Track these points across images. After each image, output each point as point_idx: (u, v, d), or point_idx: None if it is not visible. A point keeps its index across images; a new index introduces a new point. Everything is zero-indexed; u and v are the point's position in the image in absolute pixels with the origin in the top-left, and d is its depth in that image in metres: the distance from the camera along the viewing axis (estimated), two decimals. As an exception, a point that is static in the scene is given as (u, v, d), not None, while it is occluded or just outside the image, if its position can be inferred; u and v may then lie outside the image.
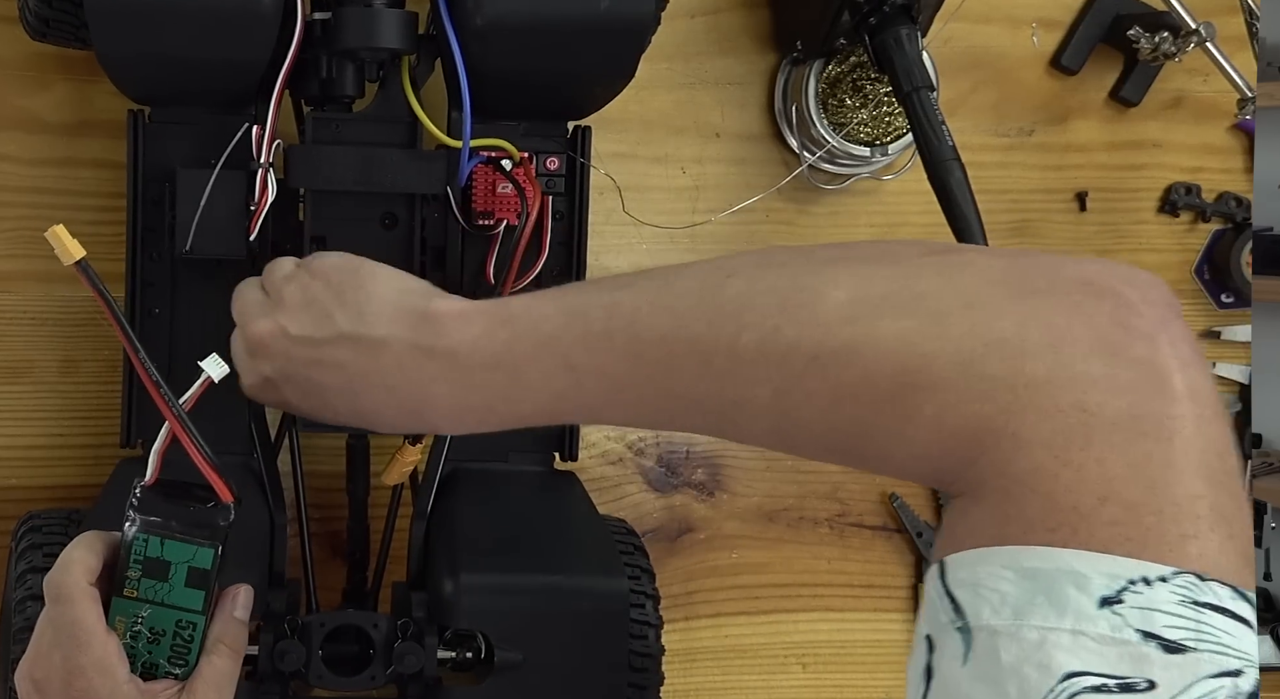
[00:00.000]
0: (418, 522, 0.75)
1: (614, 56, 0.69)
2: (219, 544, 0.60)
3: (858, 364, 0.48)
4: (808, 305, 0.50)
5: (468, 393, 0.57)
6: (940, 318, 0.47)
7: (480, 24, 0.66)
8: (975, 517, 0.46)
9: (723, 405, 0.53)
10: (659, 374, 0.54)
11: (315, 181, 0.70)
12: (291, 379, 0.61)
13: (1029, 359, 0.45)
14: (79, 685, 0.59)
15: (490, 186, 0.74)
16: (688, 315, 0.53)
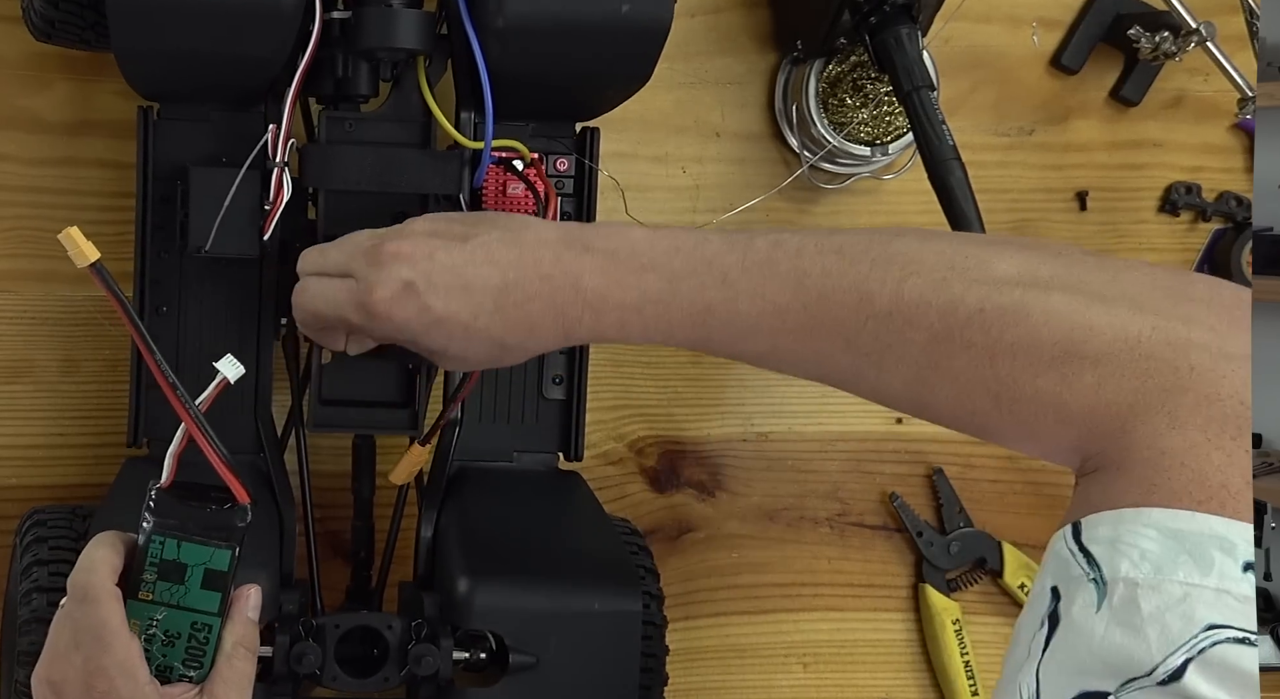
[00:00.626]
0: (426, 521, 0.74)
1: (633, 58, 0.70)
2: (236, 546, 0.60)
3: (1024, 324, 0.51)
4: (976, 268, 0.54)
5: (621, 289, 0.60)
6: (1108, 301, 0.51)
7: (502, 25, 0.66)
8: (1118, 486, 0.49)
9: (875, 347, 0.55)
10: (816, 305, 0.56)
11: (329, 181, 0.70)
12: (436, 281, 0.62)
13: (1194, 349, 0.48)
14: (101, 688, 0.59)
15: (500, 187, 0.74)
16: (855, 257, 0.56)
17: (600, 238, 0.62)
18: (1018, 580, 0.92)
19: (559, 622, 0.68)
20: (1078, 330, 0.51)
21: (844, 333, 0.56)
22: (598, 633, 0.68)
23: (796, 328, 0.57)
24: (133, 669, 0.59)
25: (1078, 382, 0.50)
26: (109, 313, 0.83)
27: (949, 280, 0.54)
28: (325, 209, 0.71)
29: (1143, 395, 0.48)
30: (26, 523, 0.73)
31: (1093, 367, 0.50)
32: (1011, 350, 0.52)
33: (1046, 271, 0.53)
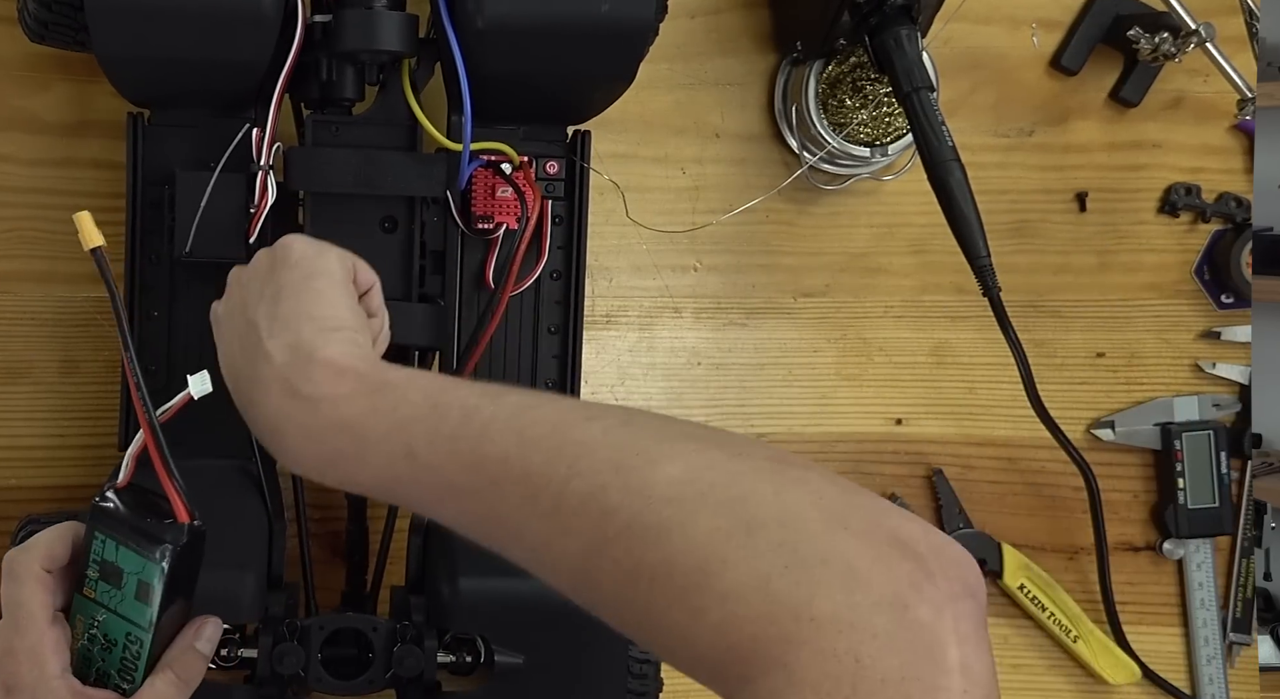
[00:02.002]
0: (416, 526, 0.74)
1: (614, 60, 0.69)
2: (166, 562, 0.58)
3: (664, 547, 0.48)
4: (639, 471, 0.50)
5: (314, 443, 0.57)
6: (753, 527, 0.47)
7: (481, 26, 0.66)
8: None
9: (536, 544, 0.53)
10: (488, 492, 0.54)
11: (315, 184, 0.70)
12: (220, 327, 0.63)
13: (819, 594, 0.45)
14: (7, 668, 0.58)
15: (490, 190, 0.74)
16: (532, 444, 0.53)
17: (314, 381, 0.58)
18: (1017, 581, 0.92)
19: (545, 625, 0.68)
20: (713, 561, 0.47)
21: (512, 524, 0.54)
22: (585, 636, 0.68)
23: (474, 510, 0.55)
24: (42, 657, 0.58)
25: (705, 617, 0.47)
26: (108, 314, 0.82)
27: (608, 486, 0.51)
28: (312, 212, 0.71)
29: (764, 644, 0.45)
30: (20, 532, 0.73)
31: (720, 603, 0.46)
32: (650, 574, 0.48)
33: (710, 478, 0.49)
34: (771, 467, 0.50)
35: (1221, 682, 0.94)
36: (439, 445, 0.55)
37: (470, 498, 0.55)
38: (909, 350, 0.93)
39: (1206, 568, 0.95)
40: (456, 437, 0.55)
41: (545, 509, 0.52)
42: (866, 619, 0.44)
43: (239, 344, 0.60)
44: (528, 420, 0.55)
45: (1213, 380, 0.96)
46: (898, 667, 0.44)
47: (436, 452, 0.55)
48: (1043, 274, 0.94)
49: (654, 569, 0.48)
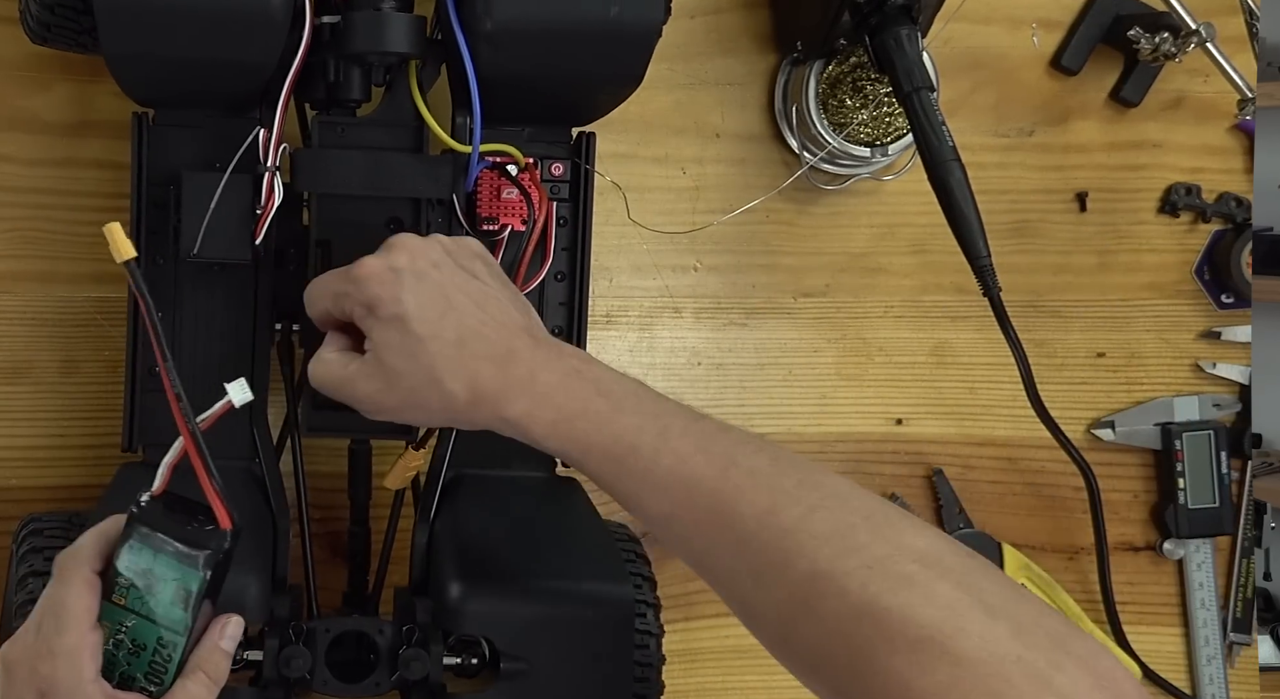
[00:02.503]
0: (420, 527, 0.74)
1: (622, 61, 0.69)
2: (209, 570, 0.59)
3: (904, 595, 0.51)
4: (889, 528, 0.54)
5: (568, 397, 0.61)
6: (993, 614, 0.50)
7: (490, 28, 0.66)
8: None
9: (762, 559, 0.55)
10: (730, 493, 0.57)
11: (322, 185, 0.70)
12: (427, 280, 0.62)
13: (1050, 694, 0.48)
14: (44, 671, 0.58)
15: (495, 192, 0.74)
16: (785, 469, 0.58)
17: (576, 353, 0.64)
18: (1017, 582, 0.92)
19: (550, 628, 0.68)
20: (950, 625, 0.50)
21: (740, 532, 0.56)
22: (590, 639, 0.68)
23: (701, 506, 0.57)
24: (79, 660, 0.58)
25: (931, 674, 0.49)
26: (109, 314, 0.83)
27: (857, 527, 0.54)
28: (318, 213, 0.71)
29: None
30: (23, 531, 0.73)
31: (951, 665, 0.49)
32: (881, 615, 0.51)
33: (950, 562, 0.52)
34: (999, 576, 0.54)
35: (1221, 682, 0.94)
36: (692, 437, 0.59)
37: (705, 494, 0.57)
38: (909, 350, 0.93)
39: (1206, 568, 0.95)
40: (711, 438, 0.59)
41: (783, 525, 0.55)
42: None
43: (472, 302, 0.62)
44: (778, 450, 0.59)
45: (1213, 380, 0.96)
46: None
47: (688, 441, 0.59)
48: (1043, 274, 0.94)
49: (886, 612, 0.51)
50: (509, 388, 0.61)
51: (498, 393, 0.61)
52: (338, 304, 0.64)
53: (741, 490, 0.57)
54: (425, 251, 0.63)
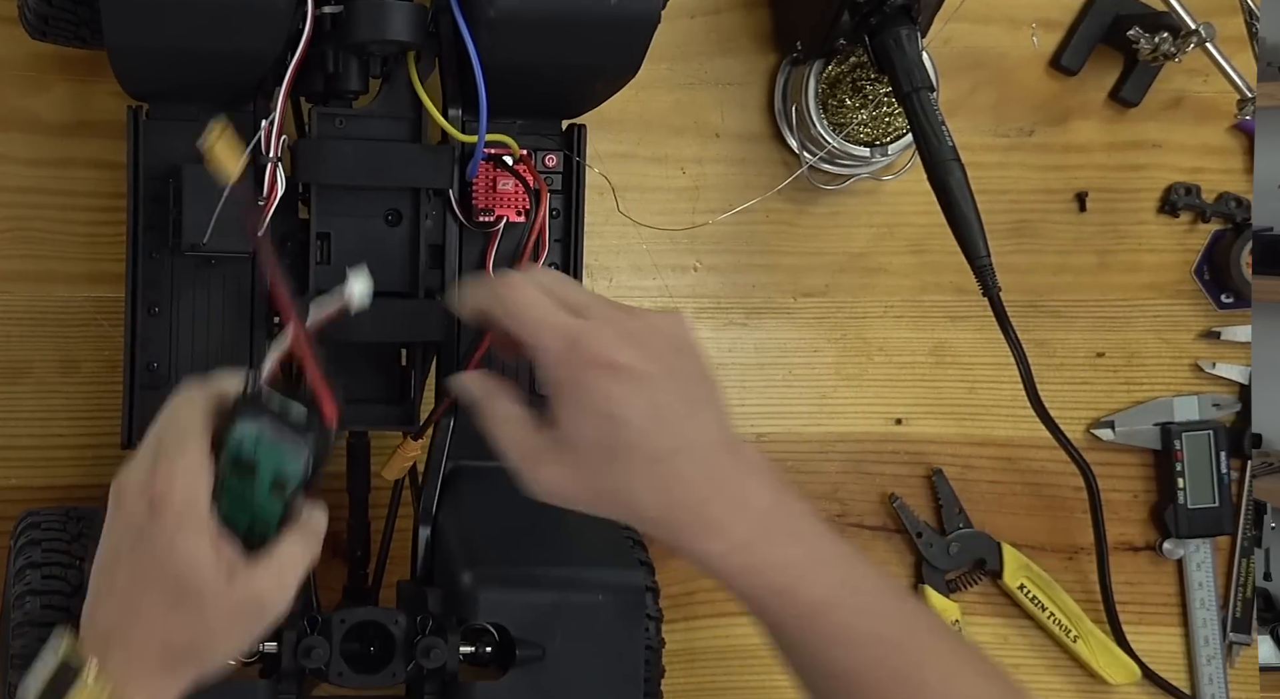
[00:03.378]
0: (423, 519, 0.74)
1: (621, 50, 0.70)
2: (310, 461, 0.59)
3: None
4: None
5: (767, 538, 0.59)
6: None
7: (493, 16, 0.66)
8: None
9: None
10: (912, 649, 0.58)
11: (323, 176, 0.70)
12: (646, 389, 0.58)
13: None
14: (159, 486, 0.56)
15: (490, 183, 0.74)
16: (964, 665, 0.59)
17: (778, 483, 0.60)
18: (1017, 581, 0.92)
19: (564, 613, 0.68)
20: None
21: (925, 693, 0.57)
22: (602, 623, 0.68)
23: (888, 665, 0.58)
24: (196, 479, 0.56)
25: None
26: (108, 313, 0.83)
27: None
28: (318, 204, 0.71)
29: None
30: (21, 524, 0.73)
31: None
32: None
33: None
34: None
35: (1221, 682, 0.94)
36: (879, 594, 0.59)
37: (890, 651, 0.58)
38: (909, 350, 0.93)
39: (1206, 568, 0.95)
40: (890, 596, 0.60)
41: (966, 691, 0.58)
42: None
43: (692, 423, 0.59)
44: (941, 624, 0.62)
45: (1213, 380, 0.96)
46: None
47: (874, 597, 0.59)
48: (1043, 274, 0.94)
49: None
50: (707, 526, 0.58)
51: (695, 526, 0.58)
52: (543, 345, 0.59)
53: (925, 654, 0.58)
54: (657, 347, 0.59)
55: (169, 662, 0.57)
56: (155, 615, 0.57)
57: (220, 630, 0.57)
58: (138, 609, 0.57)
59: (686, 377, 0.60)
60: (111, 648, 0.57)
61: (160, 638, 0.57)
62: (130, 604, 0.57)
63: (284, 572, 0.59)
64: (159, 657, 0.57)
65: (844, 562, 0.59)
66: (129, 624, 0.57)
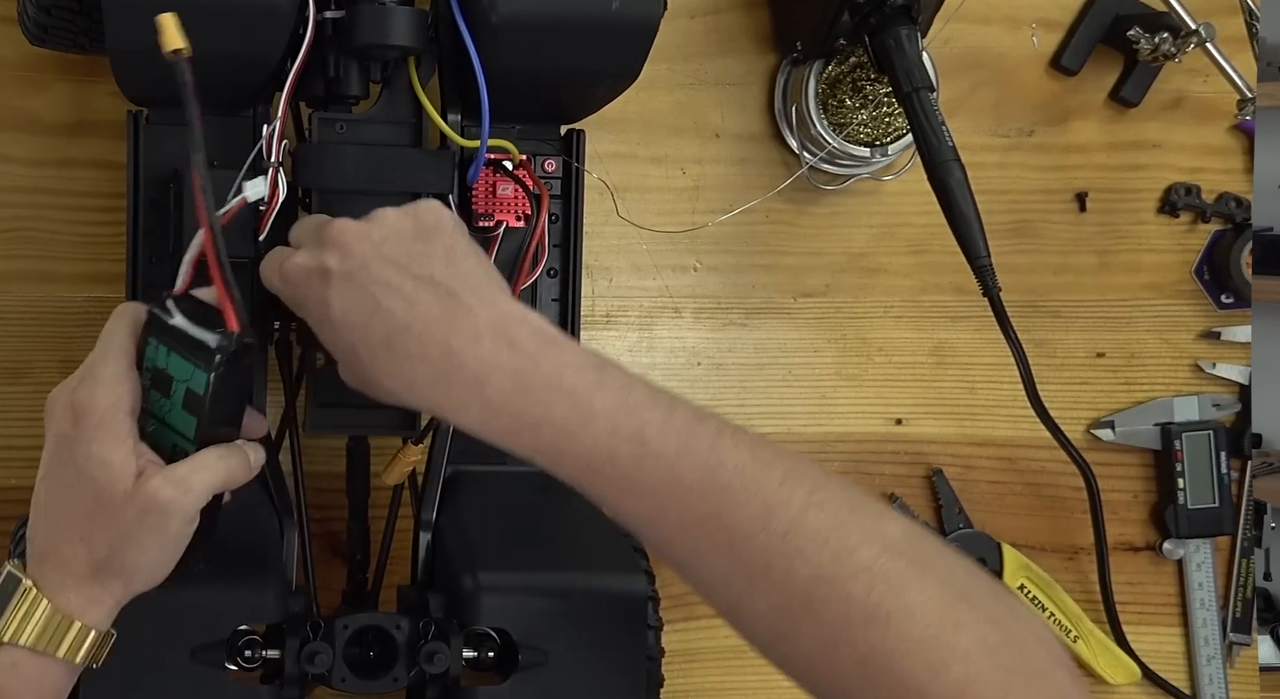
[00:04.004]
0: (423, 524, 0.74)
1: (622, 56, 0.70)
2: (214, 371, 0.57)
3: (905, 597, 0.52)
4: (872, 519, 0.54)
5: (527, 402, 0.56)
6: (971, 603, 0.52)
7: (495, 21, 0.66)
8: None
9: (756, 563, 0.54)
10: (718, 496, 0.54)
11: (326, 181, 0.70)
12: (352, 282, 0.58)
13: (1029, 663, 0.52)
14: (81, 394, 0.57)
15: (490, 188, 0.74)
16: (767, 464, 0.55)
17: (532, 339, 0.57)
18: (1017, 581, 0.92)
19: (567, 617, 0.68)
20: (948, 621, 0.51)
21: (733, 536, 0.54)
22: (605, 627, 0.68)
23: (690, 511, 0.55)
24: (119, 388, 0.57)
25: (945, 672, 0.50)
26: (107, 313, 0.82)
27: (847, 524, 0.53)
28: (319, 209, 0.71)
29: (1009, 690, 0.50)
30: (20, 531, 0.73)
31: (961, 661, 0.50)
32: (887, 620, 0.51)
33: (924, 552, 0.53)
34: (949, 551, 0.55)
35: (1221, 682, 0.94)
36: (671, 437, 0.55)
37: (694, 497, 0.55)
38: (909, 350, 0.93)
39: (1206, 568, 0.95)
40: (692, 434, 0.55)
41: (778, 529, 0.53)
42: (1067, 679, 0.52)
43: (395, 300, 0.57)
44: (754, 440, 0.56)
45: (1213, 380, 0.96)
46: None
47: (668, 443, 0.55)
48: (1043, 274, 0.94)
49: (891, 615, 0.51)
50: (451, 394, 0.57)
51: (441, 400, 0.57)
52: (273, 288, 0.61)
53: (731, 493, 0.54)
54: (358, 246, 0.58)
55: (95, 572, 0.58)
56: (77, 524, 0.58)
57: (133, 536, 0.58)
58: (63, 519, 0.59)
59: (420, 254, 0.59)
60: (46, 563, 0.59)
61: (85, 548, 0.58)
62: (57, 516, 0.59)
63: (186, 478, 0.58)
64: (86, 566, 0.58)
65: (626, 404, 0.56)
66: (59, 537, 0.59)
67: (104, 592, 0.59)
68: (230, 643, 0.66)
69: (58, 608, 0.58)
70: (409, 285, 0.57)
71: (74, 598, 0.58)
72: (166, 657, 0.64)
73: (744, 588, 0.54)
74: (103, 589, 0.59)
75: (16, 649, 0.58)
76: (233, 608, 0.65)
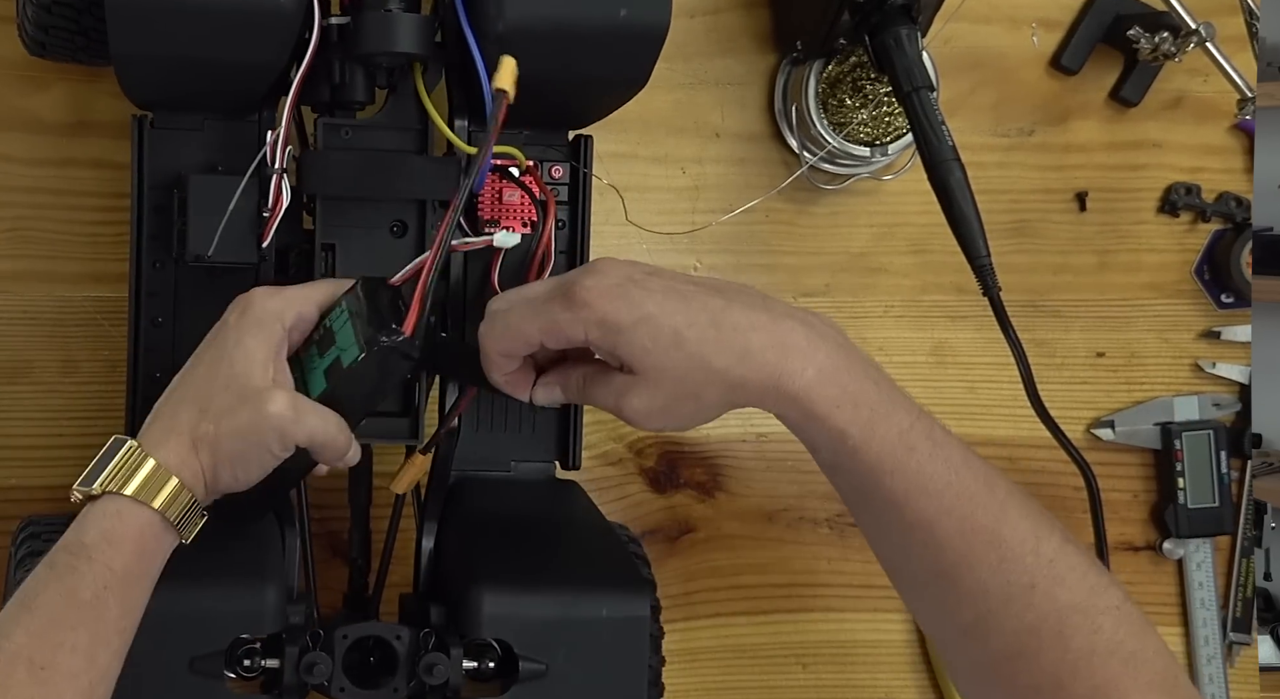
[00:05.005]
0: (427, 531, 0.74)
1: (630, 63, 0.69)
2: (364, 354, 0.62)
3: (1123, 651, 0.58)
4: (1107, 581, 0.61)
5: (850, 376, 0.60)
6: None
7: (501, 29, 0.66)
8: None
9: (1021, 582, 0.59)
10: (996, 509, 0.60)
11: (330, 187, 0.70)
12: (655, 283, 0.61)
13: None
14: (258, 297, 0.64)
15: (496, 194, 0.74)
16: (1023, 502, 0.61)
17: (835, 329, 0.62)
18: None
19: (568, 629, 0.67)
20: (1172, 672, 0.59)
21: (1004, 552, 0.59)
22: (606, 640, 0.68)
23: (970, 519, 0.59)
24: (294, 305, 0.64)
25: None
26: (108, 313, 0.83)
27: (1096, 565, 0.60)
28: (323, 215, 0.70)
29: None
30: (21, 533, 0.73)
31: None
32: (1129, 658, 0.58)
33: (1133, 609, 0.60)
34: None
35: (1221, 682, 0.94)
36: (955, 445, 0.61)
37: (979, 509, 0.59)
38: (909, 350, 0.93)
39: (1206, 568, 0.95)
40: (965, 447, 0.61)
41: (1046, 555, 0.59)
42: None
43: (706, 290, 0.61)
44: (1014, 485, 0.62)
45: (1213, 380, 0.96)
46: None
47: (954, 449, 0.60)
48: (1043, 274, 0.94)
49: (1135, 655, 0.58)
50: (788, 357, 0.60)
51: (777, 363, 0.60)
52: (556, 332, 0.62)
53: (1007, 511, 0.59)
54: (630, 265, 0.62)
55: (196, 440, 0.62)
56: (202, 394, 0.63)
57: (240, 430, 0.62)
58: (191, 387, 0.63)
59: (668, 270, 0.64)
60: (155, 423, 0.63)
61: (198, 415, 0.62)
62: (187, 385, 0.64)
63: (304, 412, 0.62)
64: (190, 431, 0.62)
65: (917, 409, 0.61)
66: (180, 399, 0.63)
67: (195, 457, 0.62)
68: (229, 652, 0.65)
69: (158, 462, 0.61)
70: (694, 282, 0.62)
71: (172, 455, 0.61)
72: (165, 667, 0.64)
73: (999, 604, 0.59)
74: (196, 457, 0.62)
75: (120, 498, 0.60)
76: (231, 617, 0.65)
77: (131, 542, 0.59)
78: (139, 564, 0.60)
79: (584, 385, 0.65)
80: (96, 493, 0.60)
